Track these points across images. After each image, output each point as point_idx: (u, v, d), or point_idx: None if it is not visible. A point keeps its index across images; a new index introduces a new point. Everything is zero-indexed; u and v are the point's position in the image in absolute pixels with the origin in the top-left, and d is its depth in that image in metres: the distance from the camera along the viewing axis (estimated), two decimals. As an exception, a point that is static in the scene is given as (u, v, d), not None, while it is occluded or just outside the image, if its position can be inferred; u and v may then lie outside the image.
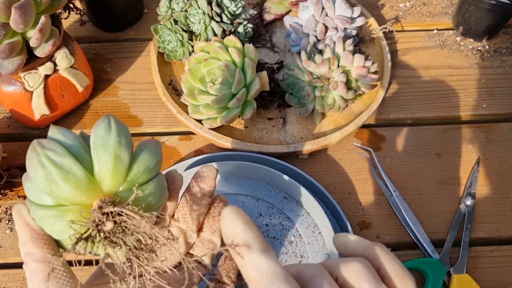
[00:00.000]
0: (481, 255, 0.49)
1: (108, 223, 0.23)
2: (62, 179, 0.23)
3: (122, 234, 0.23)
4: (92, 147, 0.25)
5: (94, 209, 0.23)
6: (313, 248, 0.47)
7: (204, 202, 0.30)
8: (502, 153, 0.56)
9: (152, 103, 0.59)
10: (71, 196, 0.23)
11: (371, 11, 0.69)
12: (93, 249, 0.24)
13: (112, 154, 0.24)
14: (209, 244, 0.31)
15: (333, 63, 0.54)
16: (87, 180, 0.24)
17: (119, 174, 0.24)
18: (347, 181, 0.53)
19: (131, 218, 0.23)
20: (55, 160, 0.23)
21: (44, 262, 0.24)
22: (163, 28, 0.58)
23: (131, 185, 0.25)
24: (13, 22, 0.42)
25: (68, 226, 0.23)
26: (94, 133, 0.25)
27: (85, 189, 0.24)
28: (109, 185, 0.24)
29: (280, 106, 0.58)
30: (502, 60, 0.65)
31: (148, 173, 0.26)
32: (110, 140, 0.25)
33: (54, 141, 0.24)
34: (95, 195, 0.24)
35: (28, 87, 0.49)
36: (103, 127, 0.25)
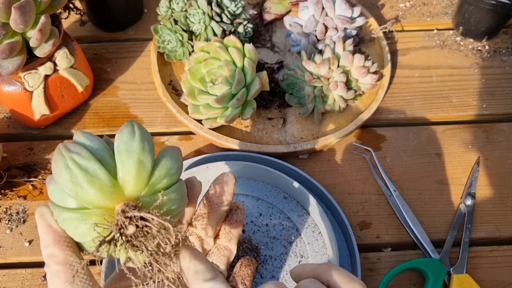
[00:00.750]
0: (481, 255, 0.49)
1: (130, 227, 0.23)
2: (87, 182, 0.23)
3: (144, 238, 0.24)
4: (116, 151, 0.25)
5: (118, 213, 0.23)
6: (313, 248, 0.47)
7: (222, 209, 0.30)
8: (502, 153, 0.56)
9: (152, 103, 0.59)
10: (95, 200, 0.24)
11: (371, 11, 0.69)
12: (115, 253, 0.24)
13: (136, 159, 0.25)
14: (225, 251, 0.31)
15: (333, 63, 0.54)
16: (111, 184, 0.24)
17: (141, 179, 0.25)
18: (347, 181, 0.53)
19: (153, 223, 0.24)
20: (81, 164, 0.24)
21: (66, 265, 0.24)
22: (163, 28, 0.58)
23: (152, 190, 0.25)
24: (13, 22, 0.42)
25: (91, 228, 0.23)
26: (118, 138, 0.25)
27: (109, 193, 0.24)
28: (131, 190, 0.25)
29: (280, 106, 0.58)
30: (502, 60, 0.65)
31: (170, 179, 0.26)
32: (134, 146, 0.25)
33: (79, 145, 0.25)
34: (118, 199, 0.24)
35: (28, 87, 0.49)
36: (127, 132, 0.26)
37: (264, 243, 0.47)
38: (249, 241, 0.47)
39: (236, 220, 0.31)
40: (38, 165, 0.53)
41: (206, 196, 0.30)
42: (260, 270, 0.46)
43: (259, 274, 0.46)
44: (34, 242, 0.49)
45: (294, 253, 0.47)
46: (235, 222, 0.31)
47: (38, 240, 0.49)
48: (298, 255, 0.47)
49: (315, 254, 0.46)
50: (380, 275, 0.47)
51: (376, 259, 0.49)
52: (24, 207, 0.51)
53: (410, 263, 0.46)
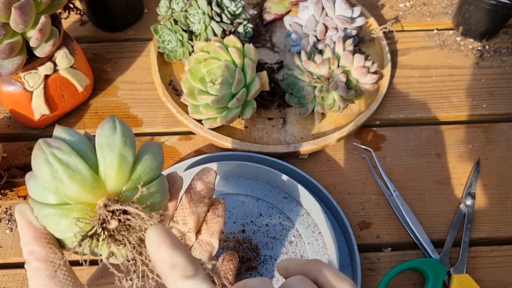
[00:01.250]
0: (481, 255, 0.49)
1: (113, 221, 0.23)
2: (68, 177, 0.23)
3: (127, 232, 0.24)
4: (98, 146, 0.25)
5: (100, 207, 0.23)
6: (313, 248, 0.47)
7: (203, 204, 0.30)
8: (502, 153, 0.56)
9: (152, 103, 0.59)
10: (76, 195, 0.24)
11: (371, 11, 0.69)
12: (97, 248, 0.24)
13: (118, 154, 0.25)
14: (207, 246, 0.31)
15: (333, 63, 0.54)
16: (92, 179, 0.24)
17: (123, 173, 0.25)
18: (347, 181, 0.53)
19: (136, 216, 0.23)
20: (61, 158, 0.24)
21: (47, 261, 0.24)
22: (163, 28, 0.58)
23: (135, 185, 0.25)
24: (13, 22, 0.42)
25: (73, 224, 0.23)
26: (100, 133, 0.25)
27: (90, 188, 0.24)
28: (113, 184, 0.25)
29: (280, 106, 0.58)
30: (502, 60, 0.65)
31: (151, 174, 0.26)
32: (115, 140, 0.25)
33: (60, 140, 0.25)
34: (99, 194, 0.24)
35: (28, 87, 0.49)
36: (108, 127, 0.25)
37: (264, 243, 0.47)
38: (249, 241, 0.47)
39: (217, 215, 0.31)
40: (38, 165, 0.53)
41: (188, 191, 0.30)
42: (260, 270, 0.46)
43: (259, 274, 0.46)
44: (34, 242, 0.49)
45: (294, 253, 0.47)
46: (216, 216, 0.31)
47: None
48: (298, 255, 0.47)
49: (315, 254, 0.46)
50: (380, 275, 0.47)
51: (376, 259, 0.49)
52: (24, 207, 0.50)
53: (410, 263, 0.46)
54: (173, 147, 0.56)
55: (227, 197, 0.50)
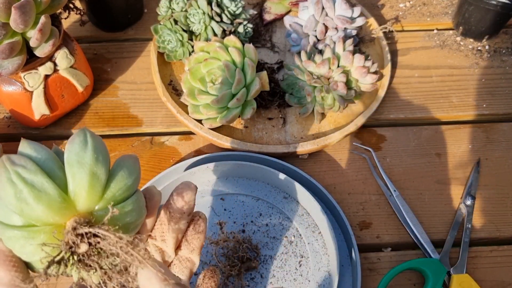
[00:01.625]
0: (481, 255, 0.49)
1: (82, 245, 0.22)
2: (33, 198, 0.22)
3: (97, 256, 0.22)
4: (67, 163, 0.23)
5: (68, 231, 0.22)
6: (313, 248, 0.47)
7: (183, 220, 0.29)
8: (502, 153, 0.56)
9: (152, 103, 0.59)
10: (43, 216, 0.22)
11: (371, 11, 0.69)
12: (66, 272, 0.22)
13: (88, 171, 0.23)
14: (187, 262, 0.30)
15: (333, 63, 0.54)
16: (60, 199, 0.22)
17: (95, 192, 0.23)
18: (347, 181, 0.53)
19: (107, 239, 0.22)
20: (26, 178, 0.22)
21: (13, 287, 0.23)
22: (163, 28, 0.58)
23: (107, 204, 0.24)
24: (13, 22, 0.42)
25: (39, 248, 0.22)
26: (69, 148, 0.24)
27: (58, 209, 0.22)
28: (84, 204, 0.23)
29: (280, 106, 0.58)
30: (502, 60, 0.65)
31: (126, 191, 0.25)
32: (86, 157, 0.23)
33: (25, 157, 0.23)
34: (69, 215, 0.23)
35: (28, 87, 0.49)
36: (78, 142, 0.24)
37: (264, 243, 0.47)
38: (249, 241, 0.47)
39: (198, 231, 0.29)
40: (38, 165, 0.53)
41: (166, 206, 0.29)
42: (260, 270, 0.46)
43: (259, 274, 0.46)
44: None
45: (294, 253, 0.47)
46: (197, 232, 0.29)
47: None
48: (298, 255, 0.47)
49: (315, 254, 0.46)
50: (380, 275, 0.47)
51: (376, 259, 0.49)
52: (24, 207, 0.50)
53: (410, 263, 0.46)
54: (173, 147, 0.56)
55: (227, 197, 0.50)
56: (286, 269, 0.46)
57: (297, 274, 0.46)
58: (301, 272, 0.46)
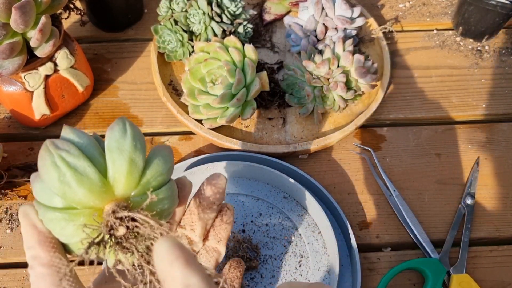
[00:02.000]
0: (480, 255, 0.49)
1: (121, 228, 0.22)
2: (76, 181, 0.22)
3: (135, 240, 0.23)
4: (107, 149, 0.24)
5: (108, 213, 0.23)
6: (313, 248, 0.47)
7: (212, 211, 0.30)
8: (502, 153, 0.56)
9: (152, 103, 0.59)
10: (84, 199, 0.23)
11: (371, 11, 0.69)
12: (103, 255, 0.23)
13: (127, 158, 0.24)
14: (213, 252, 0.30)
15: (333, 63, 0.54)
16: (101, 184, 0.23)
17: (133, 179, 0.24)
18: (347, 181, 0.54)
19: (145, 224, 0.23)
20: (69, 162, 0.23)
21: (52, 267, 0.23)
22: (163, 28, 0.58)
23: (144, 190, 0.24)
24: (14, 22, 0.42)
25: (79, 229, 0.23)
26: (109, 135, 0.25)
27: (98, 193, 0.23)
28: (122, 189, 0.24)
29: (280, 106, 0.58)
30: (502, 60, 0.65)
31: (161, 179, 0.26)
32: (125, 144, 0.24)
33: (68, 142, 0.24)
34: (107, 199, 0.23)
35: (28, 87, 0.49)
36: (118, 130, 0.25)
37: (264, 243, 0.47)
38: (249, 241, 0.47)
39: (226, 221, 0.30)
40: (39, 165, 0.53)
41: (197, 197, 0.30)
42: (260, 270, 0.46)
43: (259, 274, 0.46)
44: (35, 242, 0.49)
45: (294, 253, 0.47)
46: (224, 223, 0.30)
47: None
48: (298, 255, 0.47)
49: (315, 254, 0.46)
50: (380, 275, 0.47)
51: (376, 259, 0.49)
52: (25, 207, 0.51)
53: (410, 263, 0.46)
54: (173, 147, 0.56)
55: (227, 197, 0.50)
56: (286, 269, 0.46)
57: (297, 274, 0.46)
58: (301, 272, 0.46)
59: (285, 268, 0.46)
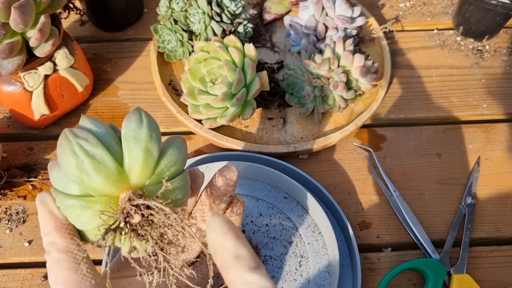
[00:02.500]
0: (481, 255, 0.49)
1: (136, 215, 0.23)
2: (93, 169, 0.23)
3: (150, 227, 0.23)
4: (124, 139, 0.25)
5: (124, 201, 0.23)
6: (313, 248, 0.47)
7: (223, 202, 0.30)
8: (502, 153, 0.56)
9: (152, 103, 0.59)
10: (100, 187, 0.23)
11: (371, 11, 0.69)
12: (118, 242, 0.24)
13: (143, 147, 0.24)
14: None
15: (333, 63, 0.54)
16: (117, 172, 0.24)
17: (148, 168, 0.25)
18: (347, 181, 0.53)
19: (160, 211, 0.23)
20: (88, 150, 0.23)
21: (68, 252, 0.24)
22: (163, 28, 0.58)
23: (158, 179, 0.25)
24: (13, 22, 0.42)
25: (95, 216, 0.23)
26: (126, 125, 0.25)
27: (115, 181, 0.24)
28: (137, 178, 0.24)
29: (280, 106, 0.58)
30: (502, 60, 0.65)
31: (175, 169, 0.26)
32: (141, 134, 0.25)
33: (86, 130, 0.24)
34: (123, 187, 0.24)
35: (27, 87, 0.49)
36: (134, 120, 0.25)
37: (264, 243, 0.47)
38: (249, 241, 0.47)
39: (236, 213, 0.31)
40: (38, 165, 0.53)
41: (209, 187, 0.30)
42: (260, 270, 0.46)
43: (259, 274, 0.46)
44: (34, 242, 0.49)
45: (294, 253, 0.47)
46: (235, 214, 0.31)
47: (38, 240, 0.49)
48: (298, 255, 0.47)
49: (315, 254, 0.46)
50: (380, 275, 0.47)
51: (376, 259, 0.49)
52: (24, 207, 0.50)
53: (410, 263, 0.46)
54: (173, 147, 0.56)
55: (227, 197, 0.50)
56: (286, 269, 0.46)
57: (297, 274, 0.46)
58: (301, 272, 0.46)
59: (285, 268, 0.46)
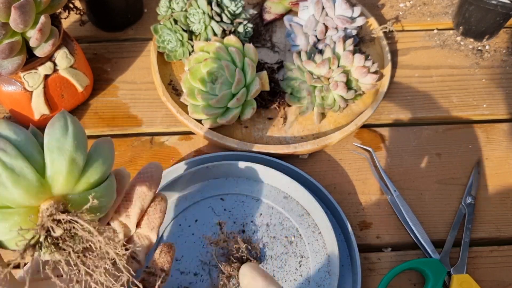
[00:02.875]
0: (481, 255, 0.49)
1: (58, 229, 0.22)
2: (12, 182, 0.22)
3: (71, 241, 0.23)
4: (47, 149, 0.23)
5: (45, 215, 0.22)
6: (313, 248, 0.47)
7: (147, 198, 0.30)
8: (502, 153, 0.56)
9: (152, 103, 0.59)
10: (19, 199, 0.22)
11: (371, 11, 0.69)
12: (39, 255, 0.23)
13: (68, 158, 0.23)
14: (145, 240, 0.31)
15: (333, 63, 0.54)
16: (38, 184, 0.23)
17: (72, 178, 0.24)
18: (347, 181, 0.53)
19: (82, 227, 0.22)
20: (6, 162, 0.22)
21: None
22: (163, 28, 0.58)
23: (83, 188, 0.24)
24: (13, 22, 0.42)
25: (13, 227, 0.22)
26: (49, 133, 0.24)
27: (35, 193, 0.22)
28: (60, 189, 0.23)
29: (280, 106, 0.58)
30: (502, 60, 0.65)
31: (101, 176, 0.25)
32: (66, 143, 0.23)
33: (4, 140, 0.23)
34: (44, 198, 0.23)
35: (28, 87, 0.49)
36: (59, 127, 0.24)
37: (264, 243, 0.47)
38: (249, 241, 0.47)
39: (160, 210, 0.31)
40: (38, 165, 0.53)
41: (133, 184, 0.30)
42: (260, 270, 0.46)
43: (259, 274, 0.46)
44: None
45: (294, 253, 0.47)
46: (158, 211, 0.31)
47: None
48: (298, 255, 0.47)
49: (315, 254, 0.46)
50: (380, 275, 0.47)
51: (376, 259, 0.49)
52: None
53: (410, 263, 0.46)
54: (173, 147, 0.56)
55: (227, 197, 0.50)
56: (286, 269, 0.46)
57: (297, 274, 0.46)
58: (301, 272, 0.46)
59: (285, 268, 0.46)
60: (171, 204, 0.49)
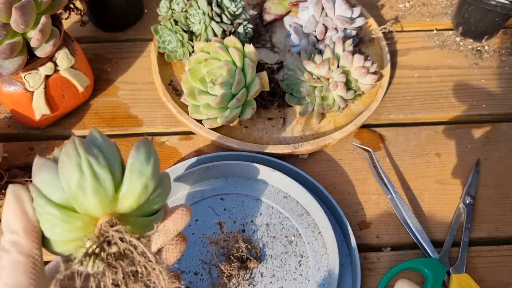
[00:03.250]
0: (480, 255, 0.49)
1: (114, 246, 0.23)
2: (93, 190, 0.23)
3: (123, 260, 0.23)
4: (129, 169, 0.25)
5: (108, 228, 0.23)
6: (313, 247, 0.47)
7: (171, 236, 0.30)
8: (502, 153, 0.56)
9: (152, 103, 0.59)
10: (91, 208, 0.23)
11: (371, 12, 0.69)
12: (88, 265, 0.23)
13: (144, 183, 0.25)
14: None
15: (333, 63, 0.55)
16: (112, 199, 0.24)
17: (139, 203, 0.25)
18: (347, 181, 0.54)
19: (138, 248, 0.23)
20: (95, 170, 0.23)
21: (30, 257, 0.23)
22: (163, 29, 0.58)
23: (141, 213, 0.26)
24: (14, 22, 0.43)
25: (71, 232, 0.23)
26: (135, 155, 0.25)
27: (106, 206, 0.23)
28: (125, 208, 0.25)
29: (280, 106, 0.58)
30: (501, 60, 0.65)
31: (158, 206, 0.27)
32: (147, 169, 0.25)
33: (96, 148, 0.24)
34: (107, 212, 0.24)
35: (28, 87, 0.49)
36: (144, 153, 0.25)
37: (264, 242, 0.47)
38: (249, 241, 0.47)
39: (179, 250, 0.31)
40: (39, 165, 0.53)
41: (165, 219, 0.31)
42: (260, 269, 0.46)
43: (259, 273, 0.46)
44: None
45: (294, 253, 0.47)
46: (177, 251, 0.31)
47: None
48: (298, 254, 0.47)
49: (315, 253, 0.46)
50: (379, 275, 0.48)
51: (376, 259, 0.49)
52: (25, 207, 0.51)
53: (409, 263, 0.46)
54: (173, 147, 0.56)
55: (227, 197, 0.50)
56: (286, 269, 0.46)
57: (297, 273, 0.46)
58: (301, 271, 0.46)
59: (285, 268, 0.46)
60: (171, 204, 0.49)
